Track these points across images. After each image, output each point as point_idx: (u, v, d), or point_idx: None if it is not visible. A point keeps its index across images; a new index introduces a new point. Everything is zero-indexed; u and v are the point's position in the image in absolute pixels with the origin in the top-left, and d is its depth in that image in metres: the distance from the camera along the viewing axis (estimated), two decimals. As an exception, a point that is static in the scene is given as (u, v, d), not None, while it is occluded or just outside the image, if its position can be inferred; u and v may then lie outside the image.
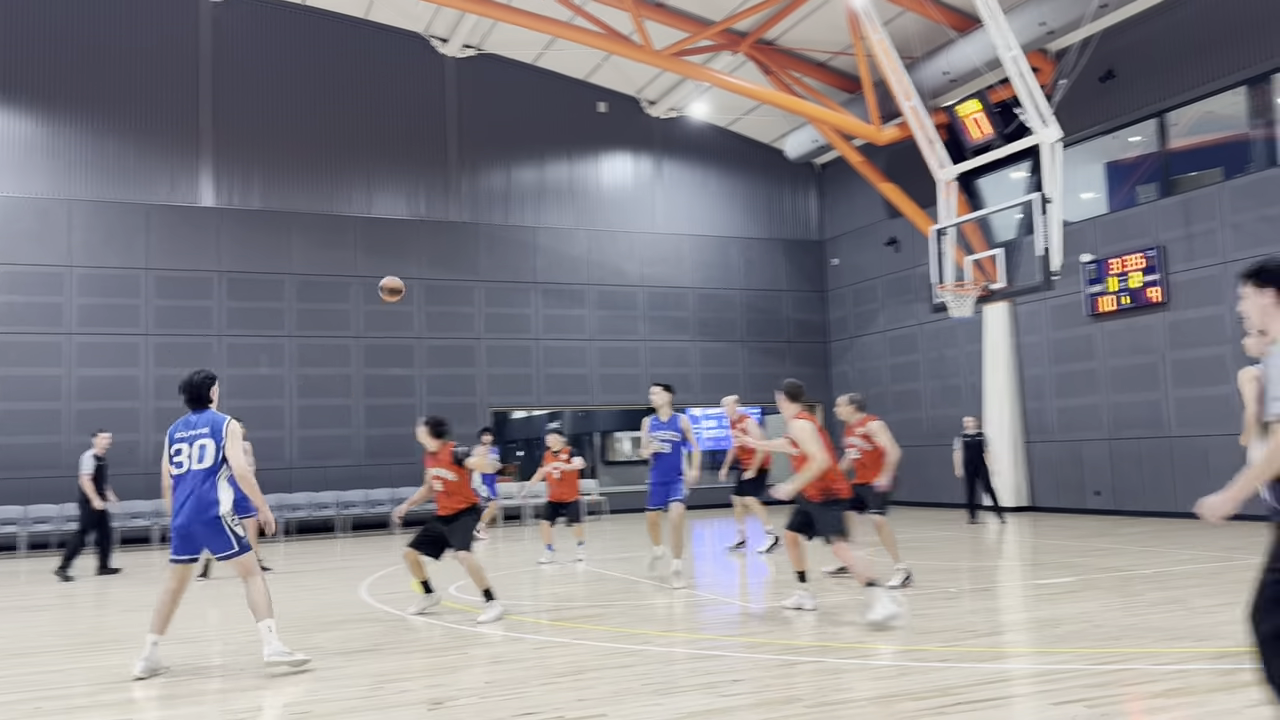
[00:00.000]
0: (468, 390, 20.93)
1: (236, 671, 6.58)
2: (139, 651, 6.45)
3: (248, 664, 6.71)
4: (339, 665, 6.55)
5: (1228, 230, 15.36)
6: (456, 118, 21.58)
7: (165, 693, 5.98)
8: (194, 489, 6.41)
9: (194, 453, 6.45)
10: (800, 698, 5.28)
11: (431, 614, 8.54)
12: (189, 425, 6.56)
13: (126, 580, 12.51)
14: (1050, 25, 15.86)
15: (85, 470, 13.00)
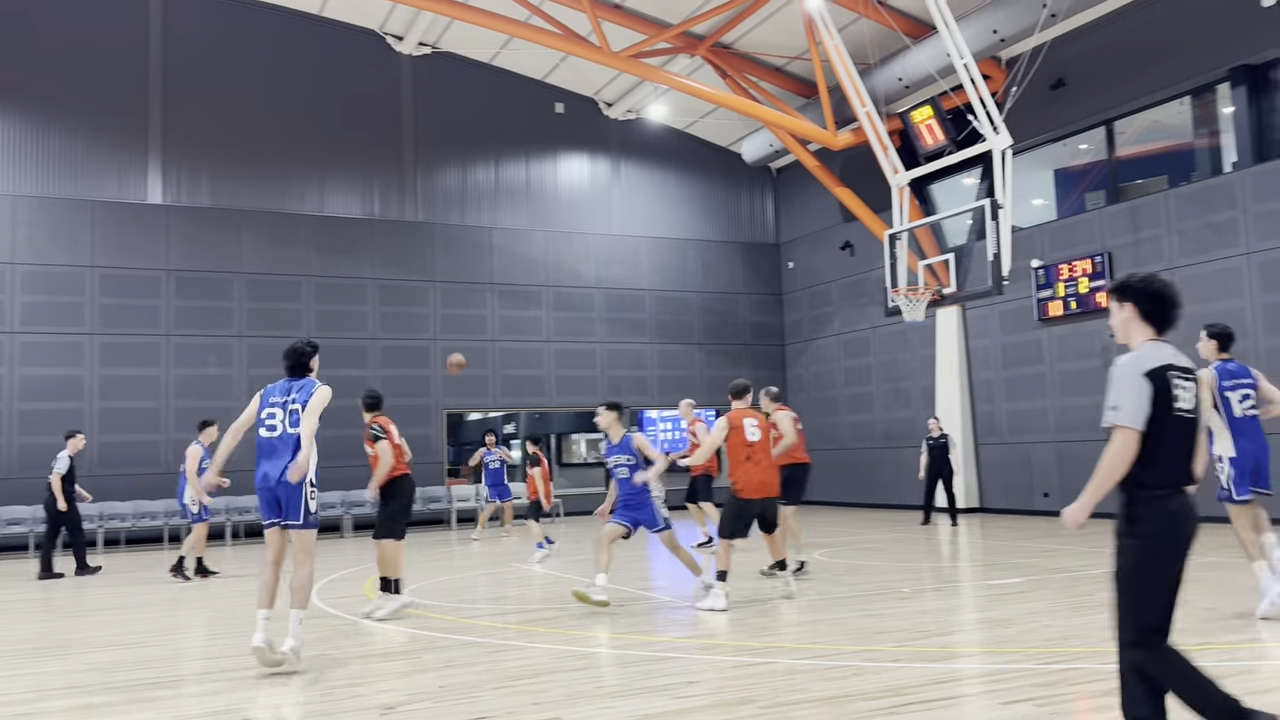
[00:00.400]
0: (422, 392, 20.76)
1: (182, 678, 6.45)
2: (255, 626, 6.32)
3: (194, 669, 6.58)
4: (289, 671, 6.44)
5: (1173, 237, 15.70)
6: (412, 116, 21.40)
7: (113, 699, 5.84)
8: (284, 453, 6.53)
9: (287, 418, 6.59)
10: (755, 699, 5.29)
11: (398, 617, 8.44)
12: (284, 391, 6.67)
13: (96, 581, 12.22)
14: (1002, 33, 16.10)
15: (59, 469, 12.92)
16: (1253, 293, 14.59)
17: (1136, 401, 3.67)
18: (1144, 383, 3.69)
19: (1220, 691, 3.71)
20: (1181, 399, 3.73)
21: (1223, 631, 6.75)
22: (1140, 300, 3.87)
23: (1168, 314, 3.86)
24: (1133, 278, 3.91)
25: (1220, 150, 15.91)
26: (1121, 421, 3.67)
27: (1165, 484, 3.71)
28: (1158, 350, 3.79)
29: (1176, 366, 3.76)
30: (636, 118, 23.41)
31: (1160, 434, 3.68)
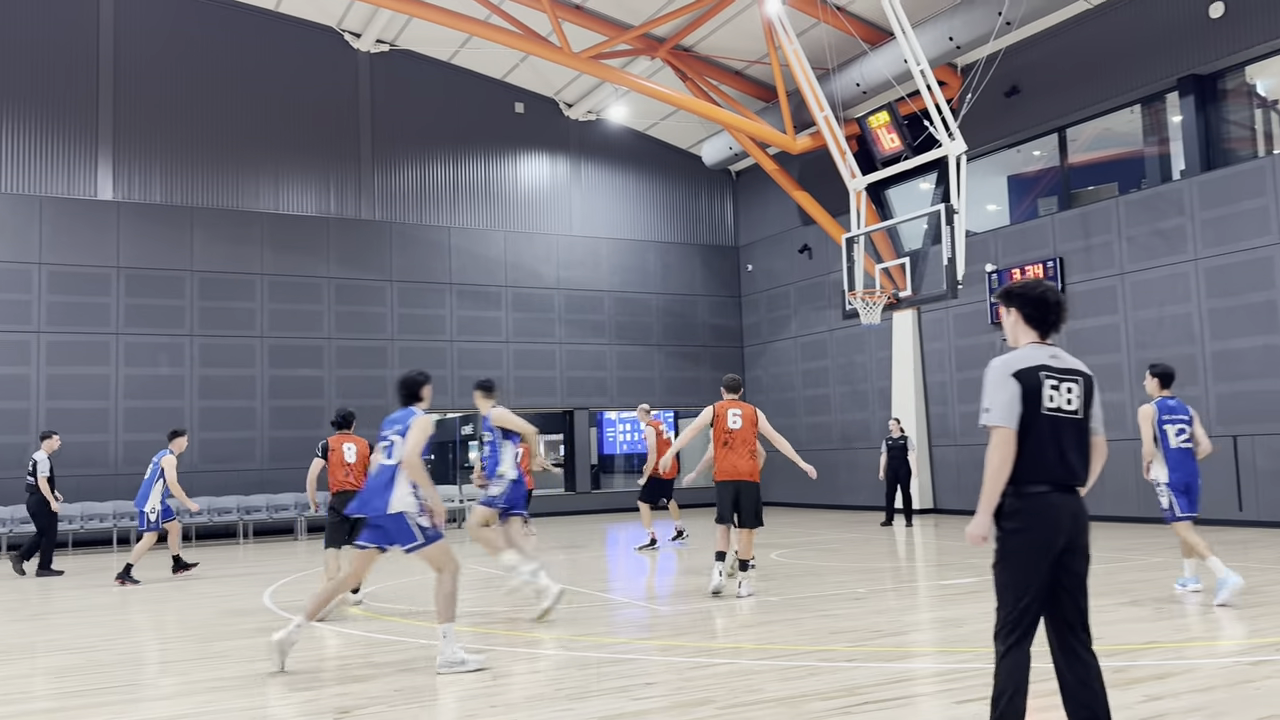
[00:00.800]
0: (379, 392, 20.55)
1: (135, 683, 6.34)
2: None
3: (147, 675, 6.48)
4: (243, 674, 6.37)
5: (1123, 243, 16.02)
6: (369, 114, 21.22)
7: (57, 704, 5.73)
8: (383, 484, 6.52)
9: (394, 447, 6.60)
10: (713, 699, 5.32)
11: (336, 620, 8.36)
12: (392, 422, 6.70)
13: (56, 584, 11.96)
14: (958, 41, 16.33)
15: (44, 472, 13.04)
16: (1200, 298, 14.92)
17: (1007, 401, 3.77)
18: (1012, 382, 3.79)
19: (1022, 709, 3.73)
20: (1055, 398, 3.80)
21: (1169, 631, 6.91)
22: (1023, 305, 3.98)
23: (1048, 318, 3.95)
24: (1016, 285, 4.05)
25: (1169, 158, 16.26)
26: (994, 421, 3.78)
27: (1035, 480, 3.77)
28: (1034, 352, 3.89)
29: (1052, 367, 3.84)
30: (597, 119, 23.41)
31: (1030, 432, 3.76)
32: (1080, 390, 3.88)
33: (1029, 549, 3.76)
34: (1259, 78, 15.16)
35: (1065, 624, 3.82)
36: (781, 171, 20.82)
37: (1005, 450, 3.76)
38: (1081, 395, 3.89)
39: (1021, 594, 3.77)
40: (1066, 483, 3.81)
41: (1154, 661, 5.92)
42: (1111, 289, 16.14)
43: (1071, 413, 3.84)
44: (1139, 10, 15.86)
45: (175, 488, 12.03)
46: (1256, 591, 8.48)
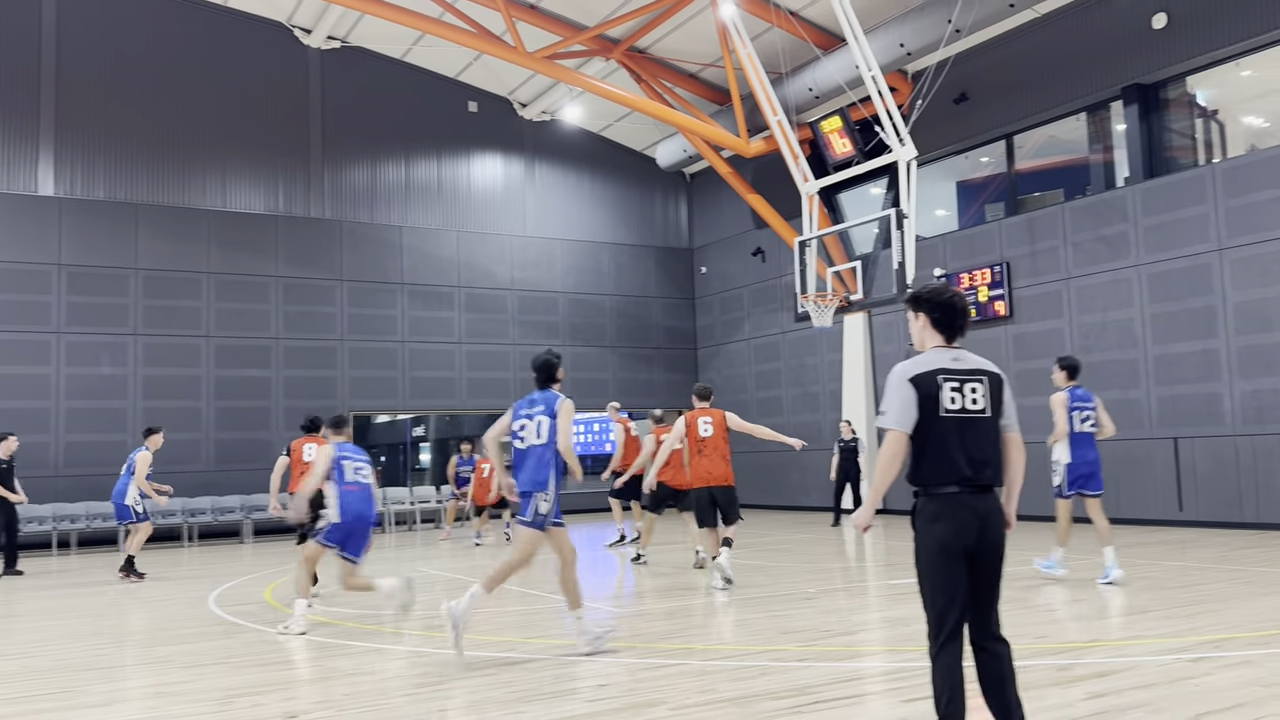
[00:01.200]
0: (328, 393, 20.31)
1: (72, 689, 6.19)
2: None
3: (86, 680, 6.32)
4: (187, 680, 6.25)
5: (1068, 248, 16.33)
6: (320, 111, 20.95)
7: None
8: (530, 464, 6.75)
9: (533, 428, 6.76)
10: (665, 700, 5.33)
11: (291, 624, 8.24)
12: (531, 403, 6.85)
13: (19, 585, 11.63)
14: (908, 47, 16.53)
15: None
16: (1142, 303, 15.26)
17: (901, 405, 3.87)
18: (908, 387, 3.87)
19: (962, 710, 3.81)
20: (958, 400, 3.87)
21: (1112, 629, 7.04)
22: (931, 310, 4.07)
23: (955, 322, 4.05)
24: (924, 290, 4.14)
25: (1113, 165, 16.61)
26: (886, 424, 3.89)
27: (942, 481, 3.84)
28: (935, 356, 3.98)
29: (951, 370, 3.91)
30: (551, 119, 23.35)
31: (930, 434, 3.85)
32: (986, 389, 3.93)
33: (939, 548, 3.83)
34: (1200, 88, 15.55)
35: (978, 620, 3.88)
36: (735, 174, 20.93)
37: (891, 451, 3.88)
38: (988, 394, 3.94)
39: (938, 593, 3.84)
40: (975, 482, 3.85)
41: (1096, 660, 6.04)
42: (1057, 293, 16.45)
43: (978, 412, 3.90)
44: (1084, 20, 16.18)
45: (143, 483, 12.15)
46: (1194, 589, 8.69)
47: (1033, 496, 17.45)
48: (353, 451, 8.22)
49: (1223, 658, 5.94)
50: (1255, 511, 13.77)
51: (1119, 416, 15.46)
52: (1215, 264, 14.30)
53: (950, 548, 3.81)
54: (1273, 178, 13.69)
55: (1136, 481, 15.16)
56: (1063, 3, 16.24)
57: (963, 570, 3.82)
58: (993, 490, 3.92)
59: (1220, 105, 15.67)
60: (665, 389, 24.27)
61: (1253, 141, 15.18)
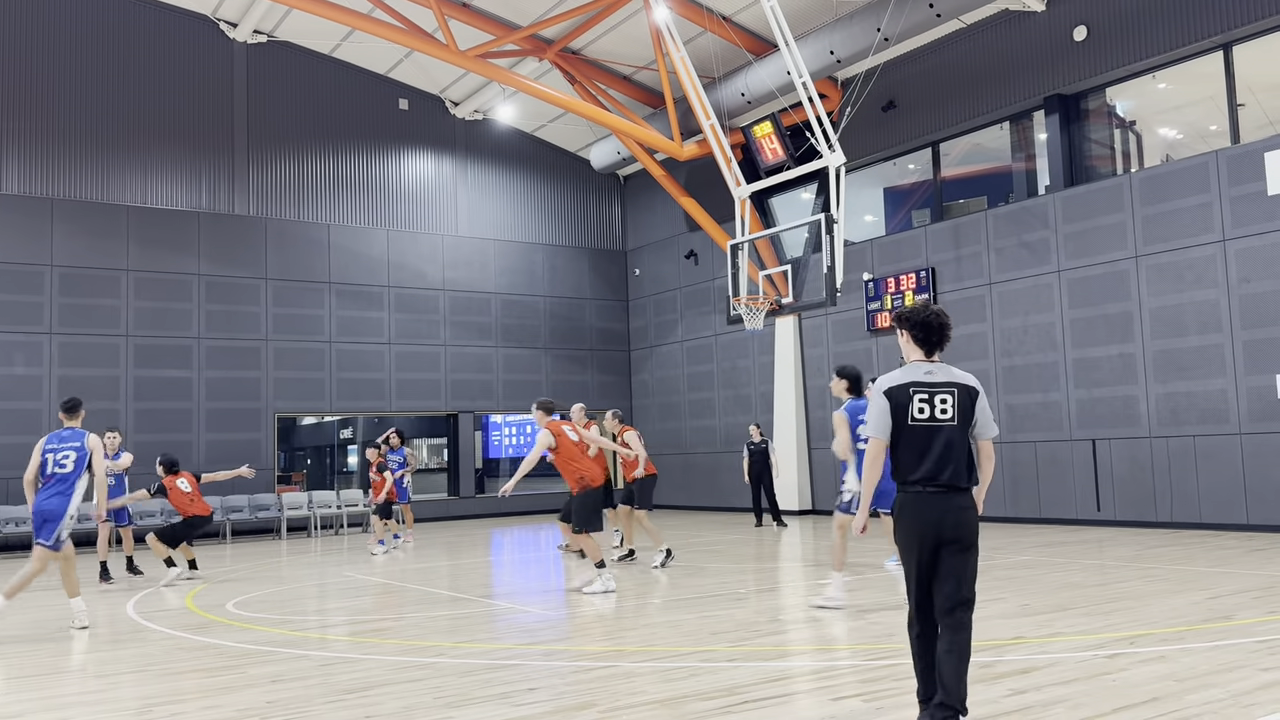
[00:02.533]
0: (252, 394, 19.86)
1: (-23, 702, 5.94)
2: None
3: None
4: (102, 689, 6.04)
5: (992, 254, 16.71)
6: (245, 106, 20.48)
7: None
8: None
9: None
10: (595, 703, 5.30)
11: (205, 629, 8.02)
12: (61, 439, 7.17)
13: None
14: (838, 55, 16.76)
15: None
16: (1062, 308, 15.68)
17: (878, 415, 4.45)
18: (882, 399, 4.45)
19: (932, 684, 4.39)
20: (926, 410, 4.40)
21: (1034, 627, 7.21)
22: (912, 328, 4.55)
23: (932, 338, 4.52)
24: (906, 309, 4.64)
25: (1035, 174, 17.05)
26: (868, 432, 4.49)
27: (911, 481, 4.40)
28: (910, 370, 4.50)
29: (922, 383, 4.43)
30: (484, 118, 23.17)
31: (901, 440, 4.42)
32: (955, 401, 4.42)
33: (907, 539, 4.43)
34: (1119, 99, 16.04)
35: (940, 608, 4.38)
36: (668, 177, 21.00)
37: (871, 455, 4.50)
38: (956, 405, 4.42)
39: (909, 578, 4.44)
40: (937, 482, 4.36)
41: (1019, 656, 6.17)
42: (980, 298, 16.82)
43: (946, 421, 4.40)
44: (1008, 32, 16.59)
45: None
46: (1111, 587, 8.94)
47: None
48: (59, 441, 8.32)
49: (1138, 654, 6.12)
50: (1169, 511, 14.24)
51: (1040, 419, 15.88)
52: (1132, 270, 14.76)
53: (916, 538, 4.39)
54: (1187, 187, 14.19)
55: (1056, 482, 15.57)
56: (987, 14, 16.62)
57: (926, 556, 4.37)
58: (957, 489, 4.39)
59: (1138, 116, 16.19)
60: (599, 391, 24.23)
61: (1168, 152, 15.71)
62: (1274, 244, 13.20)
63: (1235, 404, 13.54)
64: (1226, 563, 10.18)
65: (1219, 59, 14.24)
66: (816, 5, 17.49)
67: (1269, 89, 14.20)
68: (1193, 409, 14.03)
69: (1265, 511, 13.17)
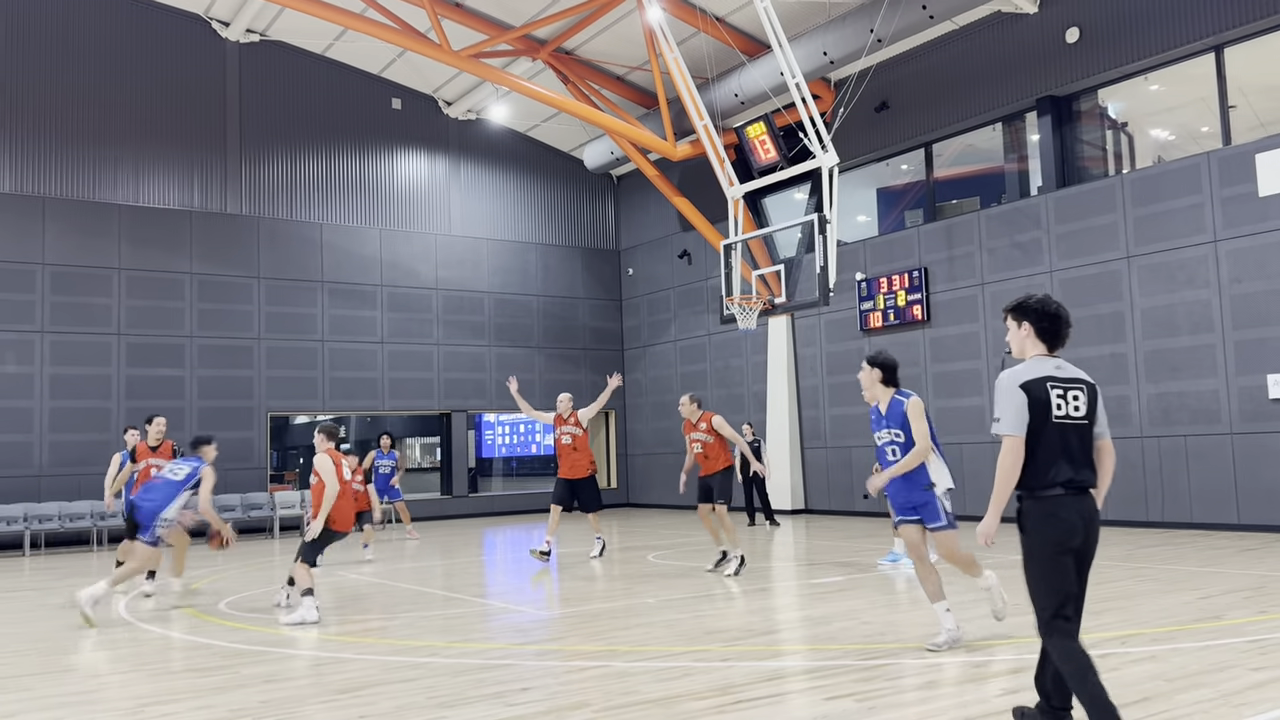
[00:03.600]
0: (244, 393, 19.82)
1: (-31, 703, 5.93)
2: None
3: (-17, 694, 6.06)
4: (95, 689, 6.03)
5: (984, 254, 16.75)
6: (238, 105, 20.43)
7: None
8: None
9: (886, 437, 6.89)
10: (589, 703, 5.32)
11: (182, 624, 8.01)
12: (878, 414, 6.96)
13: None
14: (831, 55, 16.79)
15: None
16: (1052, 309, 15.71)
17: (1016, 411, 4.07)
18: (1019, 394, 4.07)
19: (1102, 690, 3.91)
20: (1064, 406, 4.09)
21: (1025, 627, 7.23)
22: (1037, 320, 4.22)
23: (1059, 332, 4.22)
24: (1030, 299, 4.27)
25: (1028, 174, 17.10)
26: (1004, 430, 4.08)
27: (1047, 484, 4.04)
28: (1039, 364, 4.16)
29: (1057, 378, 4.12)
30: (477, 118, 23.15)
31: (1040, 439, 4.05)
32: (1086, 398, 4.15)
33: (1049, 548, 4.04)
34: (1111, 101, 16.10)
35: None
36: (662, 177, 21.01)
37: (1014, 456, 4.06)
38: (1087, 402, 4.15)
39: (1052, 591, 4.03)
40: (1078, 485, 4.07)
41: (1009, 656, 6.20)
42: (973, 298, 16.86)
43: (1080, 419, 4.13)
44: (1001, 33, 16.63)
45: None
46: (1103, 587, 8.97)
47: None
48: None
49: (1129, 653, 6.15)
50: (1160, 511, 14.29)
51: (1032, 418, 15.94)
52: (1124, 271, 14.81)
53: (1060, 545, 4.03)
54: (1178, 189, 14.25)
55: (1048, 482, 15.62)
56: (980, 15, 16.66)
57: (1071, 567, 4.06)
58: (1089, 493, 4.12)
59: (1129, 118, 16.24)
60: (591, 390, 24.21)
61: (1159, 153, 15.77)
62: (1265, 245, 13.27)
63: (1227, 404, 13.60)
64: (1217, 563, 10.23)
65: (1210, 61, 14.30)
66: (809, 6, 17.52)
67: (1260, 91, 14.27)
68: (1184, 409, 14.09)
69: (1256, 511, 13.24)
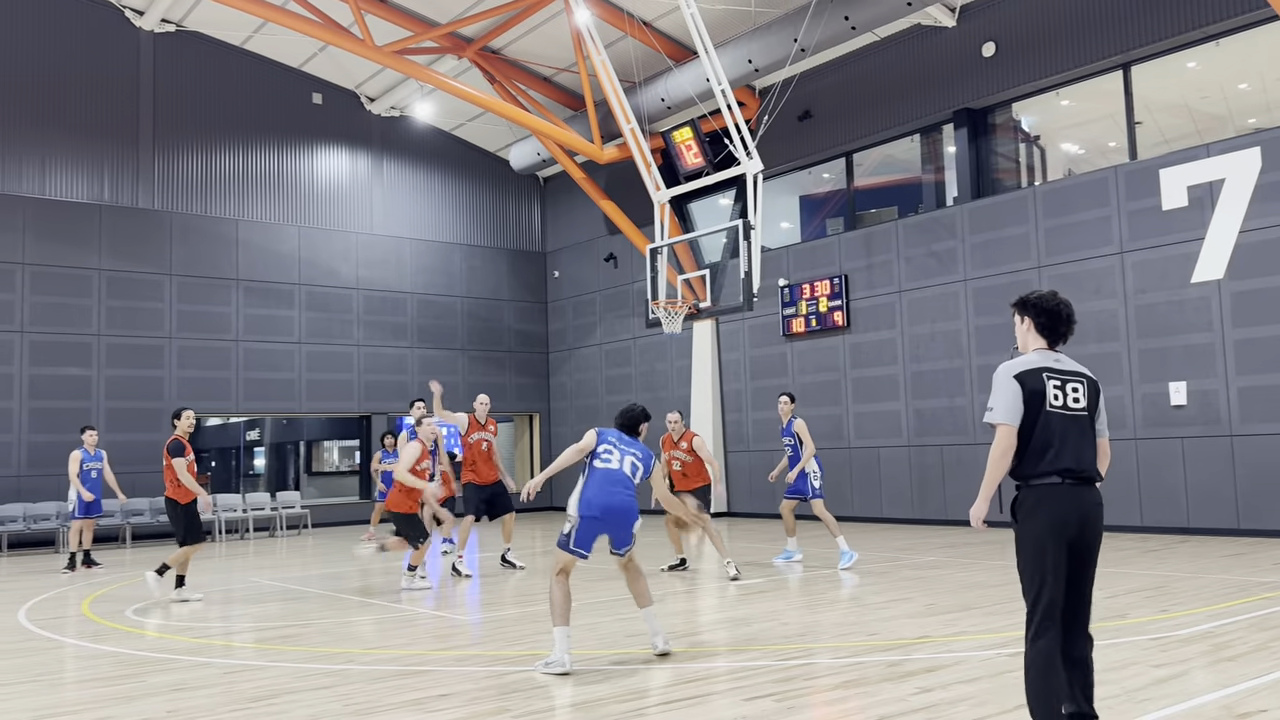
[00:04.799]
0: (154, 394, 19.21)
1: None
2: None
3: None
4: (-14, 703, 5.77)
5: (902, 263, 17.10)
6: (151, 97, 19.81)
7: None
8: None
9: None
10: (508, 708, 5.27)
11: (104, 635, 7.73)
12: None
13: None
14: (756, 63, 16.98)
15: None
16: (968, 316, 16.13)
17: (1009, 401, 4.10)
18: (1014, 384, 4.11)
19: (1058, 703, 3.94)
20: (1060, 397, 4.11)
21: (940, 626, 7.39)
22: (1038, 315, 4.28)
23: (1059, 329, 4.26)
24: (1032, 295, 4.33)
25: (944, 185, 17.51)
26: (996, 419, 4.11)
27: (1045, 473, 4.04)
28: (1038, 357, 4.21)
29: (1054, 369, 4.16)
30: (401, 115, 22.83)
31: (1036, 428, 4.06)
32: (1085, 391, 4.17)
33: (1040, 537, 4.00)
34: (1024, 114, 16.58)
35: (1069, 613, 4.05)
36: (589, 180, 20.99)
37: (1005, 445, 4.09)
38: (1087, 396, 4.17)
39: (1038, 582, 3.98)
40: (1077, 474, 4.05)
41: (926, 655, 6.32)
42: (891, 305, 17.20)
43: (1080, 410, 4.14)
44: (920, 46, 17.01)
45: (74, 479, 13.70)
46: (1014, 586, 9.21)
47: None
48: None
49: (1037, 650, 6.31)
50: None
51: (946, 423, 16.32)
52: (1035, 280, 15.26)
53: (1053, 536, 3.98)
54: (1087, 201, 14.74)
55: (964, 483, 16.00)
56: (901, 28, 17.02)
57: (1063, 559, 3.99)
58: (1093, 484, 4.11)
59: (1042, 131, 16.75)
60: (516, 393, 24.09)
61: (1070, 166, 16.29)
62: (1167, 257, 13.80)
63: (1132, 410, 14.10)
64: (1122, 563, 10.59)
65: (1119, 78, 14.83)
66: (736, 14, 17.69)
67: (1164, 108, 14.84)
68: (1091, 415, 14.57)
69: (1159, 514, 13.75)
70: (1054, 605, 3.97)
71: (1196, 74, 14.58)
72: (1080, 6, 14.90)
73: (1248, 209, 13.00)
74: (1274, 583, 8.95)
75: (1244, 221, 13.02)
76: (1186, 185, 13.59)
